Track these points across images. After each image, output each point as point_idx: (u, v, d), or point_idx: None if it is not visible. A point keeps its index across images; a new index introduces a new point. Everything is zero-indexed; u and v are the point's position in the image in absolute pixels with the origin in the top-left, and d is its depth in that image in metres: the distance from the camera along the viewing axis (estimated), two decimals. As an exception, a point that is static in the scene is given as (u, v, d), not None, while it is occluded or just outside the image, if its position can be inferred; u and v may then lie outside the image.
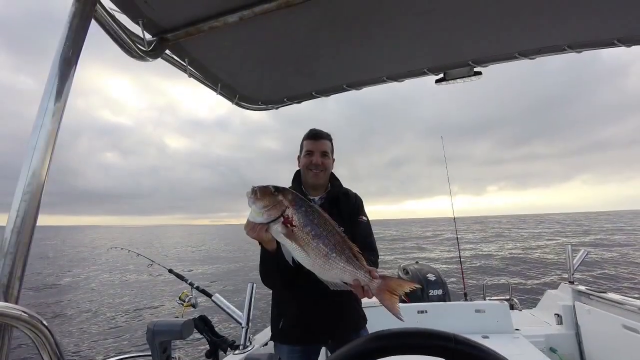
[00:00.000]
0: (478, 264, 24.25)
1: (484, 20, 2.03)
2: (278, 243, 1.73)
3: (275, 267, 1.99)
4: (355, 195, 2.56)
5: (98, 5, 1.45)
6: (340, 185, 2.55)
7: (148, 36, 1.83)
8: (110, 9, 1.58)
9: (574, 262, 4.86)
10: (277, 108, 3.04)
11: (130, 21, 1.73)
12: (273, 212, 1.58)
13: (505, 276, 19.37)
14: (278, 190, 1.62)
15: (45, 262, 35.23)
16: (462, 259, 6.71)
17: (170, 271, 3.93)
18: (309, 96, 2.88)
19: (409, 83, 2.64)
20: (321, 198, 2.43)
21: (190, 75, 2.27)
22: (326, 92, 2.83)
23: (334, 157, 2.49)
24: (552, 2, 1.89)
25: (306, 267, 1.66)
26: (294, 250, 1.62)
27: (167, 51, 2.00)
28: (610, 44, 2.23)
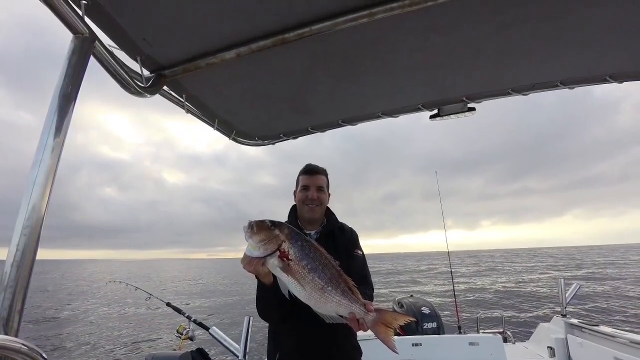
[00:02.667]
0: (472, 297, 24.01)
1: (478, 57, 2.07)
2: (275, 277, 1.74)
3: (271, 300, 2.00)
4: (351, 229, 2.55)
5: (97, 42, 1.47)
6: (336, 219, 2.54)
7: (146, 72, 1.85)
8: (109, 45, 1.60)
9: (567, 295, 4.87)
10: (273, 143, 3.06)
11: (128, 58, 1.76)
12: (270, 246, 1.62)
13: (499, 309, 19.16)
14: (274, 224, 1.67)
15: (44, 296, 34.41)
16: (456, 293, 6.69)
17: (168, 304, 3.91)
18: (305, 132, 2.91)
19: (403, 120, 2.68)
20: (317, 232, 2.41)
21: (188, 111, 2.29)
22: (322, 127, 2.85)
23: (330, 191, 2.49)
24: (545, 40, 1.94)
25: (302, 301, 1.68)
26: (290, 284, 1.65)
27: (165, 87, 2.02)
28: (602, 80, 2.29)
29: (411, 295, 6.35)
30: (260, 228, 1.64)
